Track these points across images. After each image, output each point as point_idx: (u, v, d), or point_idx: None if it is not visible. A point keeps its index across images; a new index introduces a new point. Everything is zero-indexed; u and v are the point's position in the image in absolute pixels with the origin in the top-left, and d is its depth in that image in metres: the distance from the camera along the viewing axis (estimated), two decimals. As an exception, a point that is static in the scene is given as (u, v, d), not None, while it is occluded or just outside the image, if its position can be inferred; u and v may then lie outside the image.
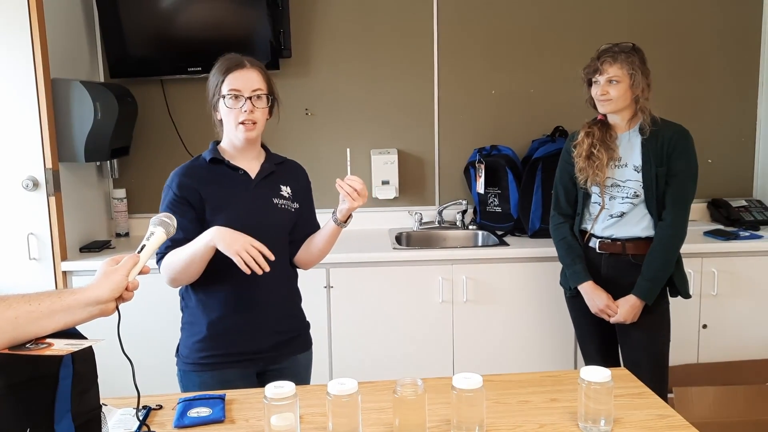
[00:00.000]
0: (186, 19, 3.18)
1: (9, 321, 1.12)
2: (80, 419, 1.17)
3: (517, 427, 1.50)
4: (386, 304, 2.96)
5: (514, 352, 3.01)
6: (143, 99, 3.32)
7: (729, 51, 3.47)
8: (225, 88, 1.82)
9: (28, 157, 2.79)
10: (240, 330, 1.86)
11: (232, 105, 1.81)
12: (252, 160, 1.93)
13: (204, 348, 1.86)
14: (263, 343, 1.89)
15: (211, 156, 1.88)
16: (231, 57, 1.88)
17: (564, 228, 2.52)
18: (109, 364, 1.48)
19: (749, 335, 3.03)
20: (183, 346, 1.92)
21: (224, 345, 1.86)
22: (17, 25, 2.70)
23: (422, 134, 3.49)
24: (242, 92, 1.81)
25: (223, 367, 1.85)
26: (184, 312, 1.93)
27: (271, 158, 1.97)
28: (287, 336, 1.94)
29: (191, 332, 1.89)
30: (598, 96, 2.33)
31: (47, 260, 2.85)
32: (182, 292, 1.93)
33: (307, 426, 1.50)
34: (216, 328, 1.85)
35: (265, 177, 1.92)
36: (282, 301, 1.94)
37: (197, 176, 1.86)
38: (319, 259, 2.01)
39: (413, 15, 3.40)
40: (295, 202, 1.96)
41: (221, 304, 1.86)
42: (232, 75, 1.82)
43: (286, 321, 1.95)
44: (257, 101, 1.83)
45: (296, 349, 1.97)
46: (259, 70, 1.87)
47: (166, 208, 1.84)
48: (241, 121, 1.82)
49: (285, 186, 1.95)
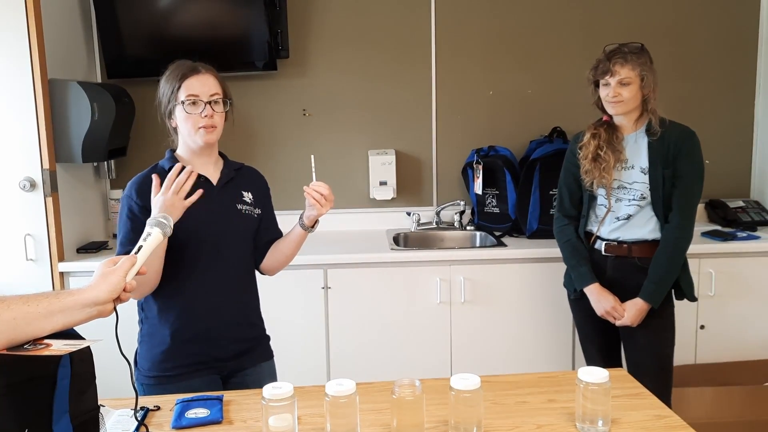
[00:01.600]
0: (183, 19, 3.18)
1: (7, 322, 1.12)
2: (78, 419, 1.17)
3: (514, 427, 1.50)
4: (384, 305, 2.96)
5: (511, 352, 3.01)
6: (140, 99, 3.31)
7: (726, 52, 3.48)
8: (182, 94, 1.80)
9: (25, 158, 2.78)
10: (203, 337, 1.84)
11: (192, 110, 1.79)
12: (211, 167, 1.90)
13: (168, 358, 1.82)
14: (225, 351, 1.87)
15: (170, 164, 1.83)
16: (183, 63, 1.86)
17: (569, 230, 2.51)
18: (107, 365, 1.48)
19: (747, 336, 3.03)
20: (143, 359, 1.85)
21: (188, 354, 1.83)
22: (14, 26, 2.69)
23: (420, 135, 3.49)
24: (200, 97, 1.80)
25: (190, 376, 1.82)
26: (144, 324, 1.88)
27: (230, 164, 1.95)
28: (248, 345, 1.93)
29: (152, 343, 1.84)
30: (609, 98, 2.30)
31: (44, 261, 2.85)
32: (141, 303, 1.88)
33: (305, 427, 1.50)
34: (179, 336, 1.82)
35: (226, 183, 1.90)
36: (243, 307, 1.93)
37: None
38: (285, 264, 2.01)
39: (411, 16, 3.40)
40: (257, 207, 1.95)
41: (183, 312, 1.82)
42: (189, 81, 1.80)
43: (247, 329, 1.94)
44: (215, 106, 1.82)
45: (257, 358, 1.95)
46: (214, 75, 1.85)
47: (126, 218, 1.80)
48: (201, 125, 1.80)
49: (247, 192, 1.94)
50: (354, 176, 3.44)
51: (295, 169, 3.27)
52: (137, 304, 1.89)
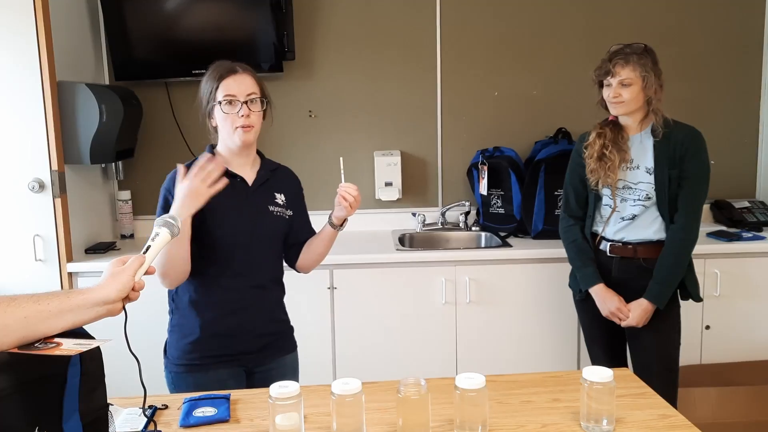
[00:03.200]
0: (190, 22, 3.20)
1: (19, 320, 1.14)
2: (88, 418, 1.18)
3: (519, 426, 1.51)
4: (389, 305, 2.97)
5: (516, 352, 3.01)
6: (148, 101, 3.34)
7: (731, 53, 3.47)
8: (220, 94, 1.84)
9: (34, 159, 2.81)
10: (232, 331, 1.89)
11: (229, 110, 1.83)
12: (248, 167, 1.94)
13: (196, 349, 1.88)
14: (252, 344, 1.92)
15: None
16: (222, 63, 1.89)
17: (574, 230, 2.51)
18: (115, 364, 1.49)
19: (752, 336, 3.03)
20: (172, 348, 1.92)
21: (216, 346, 1.89)
22: (23, 29, 2.72)
23: (425, 136, 3.50)
24: (237, 97, 1.83)
25: (217, 366, 1.88)
26: (174, 314, 1.94)
27: (266, 165, 2.00)
28: (273, 338, 1.98)
29: (182, 334, 1.90)
30: (610, 98, 2.31)
31: (53, 261, 2.87)
32: (172, 294, 1.93)
33: (312, 425, 1.51)
34: (209, 329, 1.88)
35: (261, 184, 1.95)
36: (271, 304, 1.99)
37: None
38: (319, 261, 2.06)
39: (416, 17, 3.41)
40: (288, 209, 1.99)
41: (213, 306, 1.88)
42: (226, 81, 1.84)
43: (273, 324, 1.99)
44: (252, 105, 1.85)
45: (282, 350, 2.01)
46: (251, 75, 1.89)
47: (161, 210, 1.86)
48: (239, 125, 1.84)
49: (279, 194, 1.98)
50: (359, 177, 3.45)
51: (301, 171, 3.28)
52: (168, 295, 1.95)
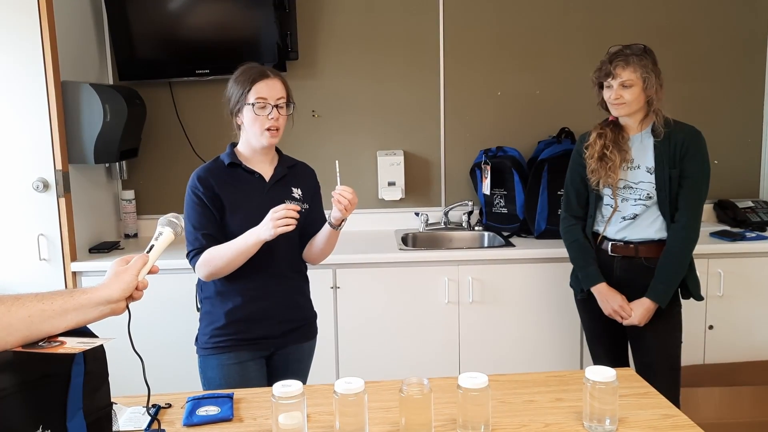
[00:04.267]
0: (194, 21, 3.21)
1: (23, 319, 1.14)
2: (92, 416, 1.19)
3: (522, 426, 1.51)
4: (392, 305, 2.97)
5: (519, 352, 3.01)
6: (152, 101, 3.34)
7: (735, 52, 3.47)
8: (252, 96, 1.93)
9: (38, 159, 2.81)
10: (254, 318, 2.01)
11: (260, 113, 1.93)
12: (267, 164, 2.06)
13: (221, 334, 2.01)
14: (274, 330, 2.04)
15: (230, 160, 2.01)
16: (255, 67, 1.99)
17: (576, 230, 2.51)
18: (118, 363, 1.50)
19: (755, 336, 3.02)
20: (202, 334, 2.06)
21: (240, 331, 2.00)
22: (28, 29, 2.72)
23: (428, 136, 3.50)
24: (268, 100, 1.94)
25: (239, 348, 2.00)
26: (203, 304, 2.07)
27: (284, 161, 2.10)
28: (295, 325, 2.08)
29: (209, 321, 2.03)
30: (611, 100, 2.31)
31: (57, 261, 2.88)
32: (200, 284, 2.06)
33: (314, 425, 1.52)
34: (233, 316, 2.00)
35: (278, 180, 2.04)
36: (292, 292, 2.09)
37: (217, 177, 1.99)
38: (322, 257, 2.13)
39: (419, 17, 3.41)
40: (305, 203, 2.07)
41: (238, 294, 2.00)
42: (259, 84, 1.94)
43: (295, 311, 2.10)
44: (281, 109, 1.96)
45: (302, 337, 2.11)
46: (281, 80, 1.99)
47: (194, 205, 1.97)
48: (267, 127, 1.94)
49: (296, 188, 2.08)
50: (363, 177, 3.45)
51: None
52: (196, 286, 2.09)
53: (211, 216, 1.96)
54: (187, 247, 1.98)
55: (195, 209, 1.96)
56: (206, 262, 1.93)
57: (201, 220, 1.96)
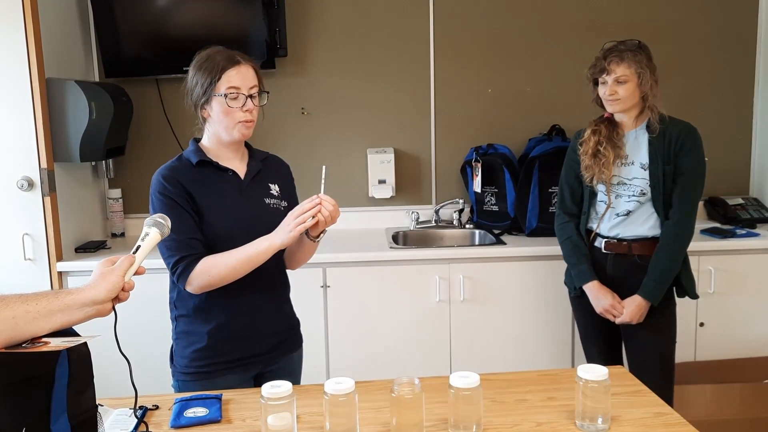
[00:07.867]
0: (181, 18, 3.18)
1: (6, 321, 1.12)
2: (76, 419, 1.17)
3: (514, 425, 1.50)
4: (383, 304, 2.96)
5: (511, 350, 3.01)
6: (138, 98, 3.31)
7: (725, 49, 3.47)
8: (223, 86, 1.73)
9: (23, 157, 2.78)
10: (240, 336, 1.83)
11: (234, 104, 1.74)
12: (238, 160, 1.86)
13: (204, 357, 1.81)
14: (263, 345, 1.86)
15: (198, 158, 1.80)
16: (222, 52, 1.78)
17: (569, 227, 2.50)
18: (105, 364, 1.48)
19: (746, 333, 3.03)
20: (179, 357, 1.84)
21: (225, 352, 1.82)
22: (12, 25, 2.69)
23: (419, 133, 3.49)
24: (241, 90, 1.74)
25: (224, 373, 1.81)
26: (178, 321, 1.85)
27: (255, 155, 1.91)
28: (283, 336, 1.92)
29: (188, 342, 1.82)
30: (606, 96, 2.30)
31: (42, 260, 2.84)
32: (174, 301, 1.85)
33: (304, 425, 1.50)
34: (217, 335, 1.80)
35: (254, 177, 1.86)
36: (278, 301, 1.93)
37: (186, 178, 1.77)
38: (298, 265, 1.97)
39: (409, 14, 3.40)
40: (283, 200, 1.91)
41: (220, 310, 1.80)
42: (230, 72, 1.74)
43: (282, 321, 1.93)
44: (254, 99, 1.78)
45: (291, 347, 1.95)
46: (253, 66, 1.80)
47: (165, 212, 1.64)
48: (241, 120, 1.76)
49: (273, 184, 1.90)
50: (353, 175, 3.43)
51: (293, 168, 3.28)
52: (169, 302, 1.87)
53: (190, 219, 1.73)
54: (172, 257, 1.72)
55: (170, 213, 1.60)
56: (205, 272, 1.71)
57: (181, 226, 1.69)
